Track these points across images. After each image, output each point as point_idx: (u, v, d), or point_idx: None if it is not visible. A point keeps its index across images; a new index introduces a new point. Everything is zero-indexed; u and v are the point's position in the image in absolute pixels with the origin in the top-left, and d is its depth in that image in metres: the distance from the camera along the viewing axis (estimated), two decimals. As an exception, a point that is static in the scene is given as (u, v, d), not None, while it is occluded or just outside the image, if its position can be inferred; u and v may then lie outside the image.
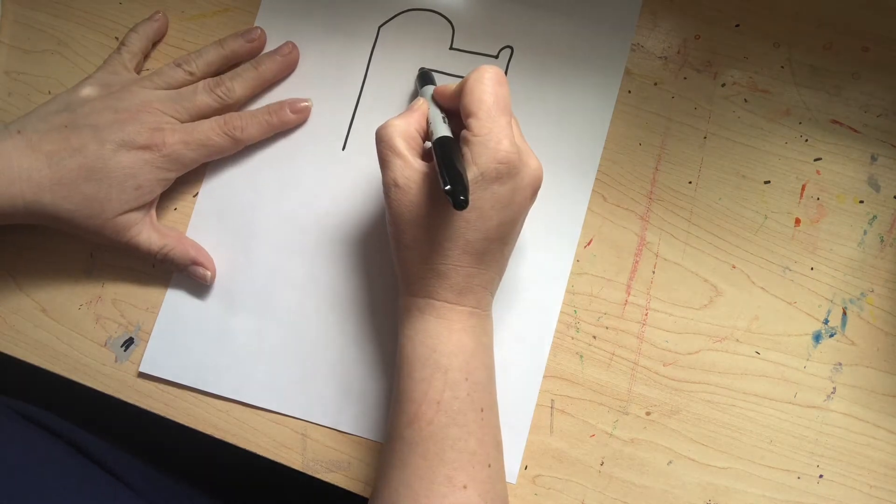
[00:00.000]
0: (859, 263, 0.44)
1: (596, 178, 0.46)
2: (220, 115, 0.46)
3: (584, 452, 0.44)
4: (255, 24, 0.49)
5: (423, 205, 0.38)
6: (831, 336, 0.44)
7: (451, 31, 0.48)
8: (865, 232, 0.44)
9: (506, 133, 0.37)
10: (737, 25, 0.46)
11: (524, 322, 0.45)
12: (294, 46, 0.48)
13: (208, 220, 0.48)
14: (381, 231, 0.46)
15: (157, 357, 0.46)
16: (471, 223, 0.37)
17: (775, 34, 0.46)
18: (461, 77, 0.47)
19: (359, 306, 0.46)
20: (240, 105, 0.47)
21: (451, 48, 0.47)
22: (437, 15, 0.48)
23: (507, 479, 0.43)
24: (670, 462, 0.43)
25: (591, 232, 0.45)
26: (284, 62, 0.48)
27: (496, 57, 0.47)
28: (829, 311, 0.44)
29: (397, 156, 0.39)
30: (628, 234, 0.45)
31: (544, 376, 0.44)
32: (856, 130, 0.45)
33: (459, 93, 0.39)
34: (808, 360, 0.43)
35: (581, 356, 0.44)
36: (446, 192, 0.34)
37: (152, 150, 0.43)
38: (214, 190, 0.48)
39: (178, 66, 0.46)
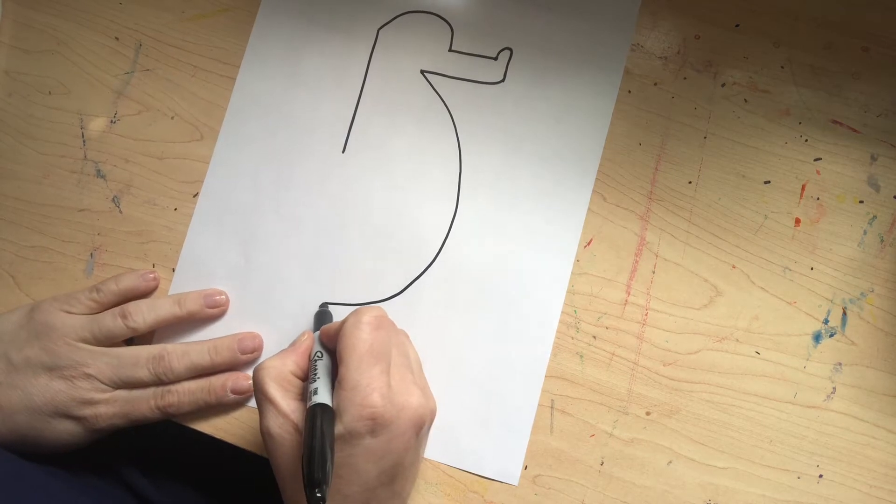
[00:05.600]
0: (859, 263, 0.44)
1: (596, 178, 0.46)
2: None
3: (584, 452, 0.44)
4: (254, 28, 0.48)
5: (298, 457, 0.36)
6: (831, 336, 0.44)
7: (451, 32, 0.48)
8: (865, 232, 0.44)
9: (376, 385, 0.36)
10: (737, 25, 0.46)
11: (525, 322, 0.45)
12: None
13: (208, 221, 0.48)
14: (381, 232, 0.46)
15: (157, 357, 0.46)
16: (344, 478, 0.36)
17: (775, 34, 0.46)
18: (461, 79, 0.47)
19: (358, 307, 0.46)
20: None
21: (450, 50, 0.47)
22: (436, 17, 0.48)
23: (509, 481, 0.43)
24: (670, 462, 0.43)
25: (591, 232, 0.45)
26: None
27: (495, 58, 0.47)
28: (829, 311, 0.44)
29: (269, 402, 0.38)
30: (628, 234, 0.45)
31: (544, 376, 0.44)
32: (856, 130, 0.45)
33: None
34: (808, 360, 0.43)
35: (581, 356, 0.44)
36: (304, 485, 0.33)
37: (87, 420, 0.43)
38: (214, 190, 0.48)
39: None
